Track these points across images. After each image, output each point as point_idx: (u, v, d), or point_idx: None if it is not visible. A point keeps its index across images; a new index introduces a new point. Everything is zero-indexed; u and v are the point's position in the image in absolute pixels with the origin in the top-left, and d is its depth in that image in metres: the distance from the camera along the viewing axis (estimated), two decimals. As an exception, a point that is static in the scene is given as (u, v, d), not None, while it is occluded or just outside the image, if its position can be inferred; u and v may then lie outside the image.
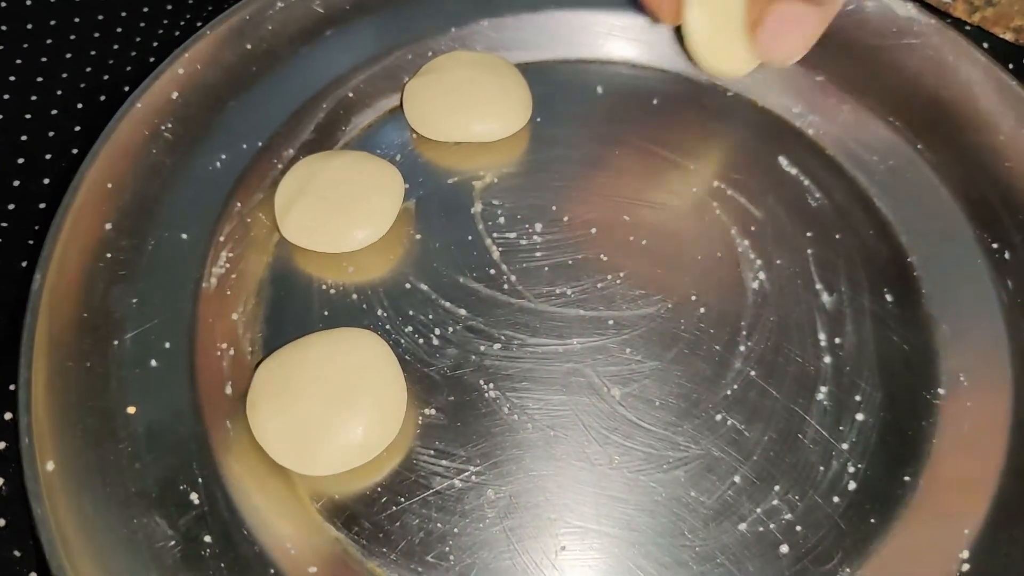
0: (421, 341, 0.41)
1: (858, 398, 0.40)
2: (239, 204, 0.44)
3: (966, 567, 0.35)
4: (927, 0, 0.54)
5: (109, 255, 0.40)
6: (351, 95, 0.49)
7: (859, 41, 0.50)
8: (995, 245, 0.43)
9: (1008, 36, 0.55)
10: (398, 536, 0.36)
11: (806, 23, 0.40)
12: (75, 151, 0.49)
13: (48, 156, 0.49)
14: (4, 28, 0.55)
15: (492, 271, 0.43)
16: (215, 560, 0.34)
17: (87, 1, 0.57)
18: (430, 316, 0.41)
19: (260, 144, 0.46)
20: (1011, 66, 0.54)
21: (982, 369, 0.40)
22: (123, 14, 0.57)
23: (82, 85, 0.53)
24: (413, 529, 0.36)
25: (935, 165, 0.46)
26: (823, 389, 0.40)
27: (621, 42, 0.52)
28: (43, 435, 0.34)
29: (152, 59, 0.54)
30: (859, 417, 0.39)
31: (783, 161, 0.47)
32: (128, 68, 0.54)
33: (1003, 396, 0.39)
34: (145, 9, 0.57)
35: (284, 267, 0.43)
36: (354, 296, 0.42)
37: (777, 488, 0.37)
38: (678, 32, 0.43)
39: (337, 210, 0.42)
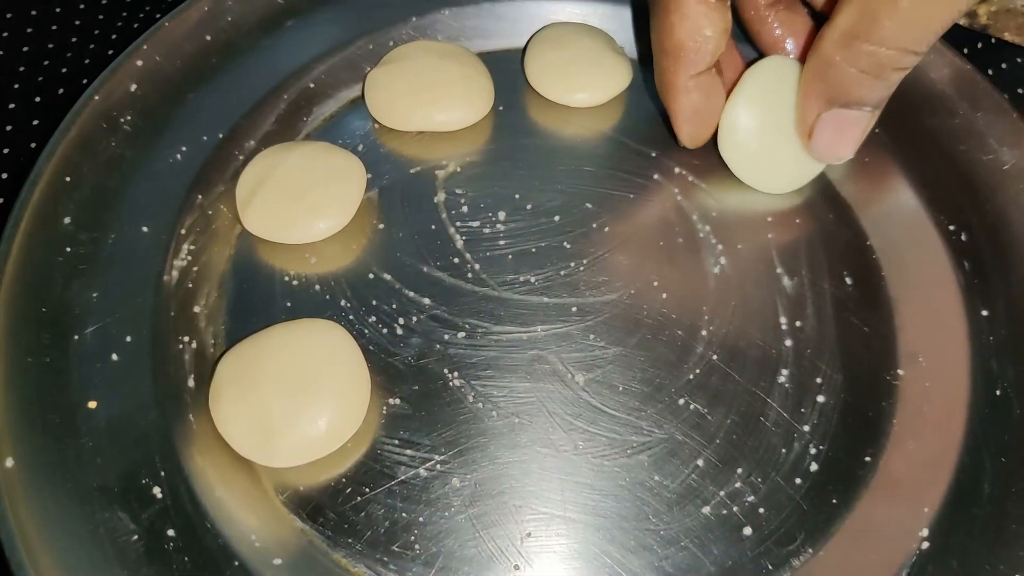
0: (385, 331, 0.41)
1: (819, 380, 0.40)
2: (200, 196, 0.43)
3: (926, 545, 0.35)
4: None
5: (68, 249, 0.39)
6: (312, 86, 0.48)
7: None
8: (952, 227, 0.44)
9: (962, 21, 0.56)
10: (363, 526, 0.36)
11: (859, 126, 0.40)
12: (33, 145, 0.49)
13: (6, 151, 0.49)
14: (-41, 21, 0.55)
15: (456, 260, 0.43)
16: (179, 554, 0.33)
17: (44, -7, 0.56)
18: (393, 306, 0.41)
19: (221, 136, 0.45)
20: (965, 50, 0.55)
21: (940, 350, 0.41)
22: (81, 6, 0.56)
23: (40, 78, 0.52)
24: (378, 519, 0.36)
25: (892, 149, 0.46)
26: (784, 372, 0.40)
27: (583, 30, 0.52)
28: (2, 431, 0.33)
29: (110, 51, 0.54)
30: (820, 399, 0.39)
31: (744, 147, 0.48)
32: (86, 61, 0.53)
33: (961, 376, 0.40)
34: (103, 1, 0.57)
35: (246, 259, 0.43)
36: (317, 287, 0.42)
37: (740, 471, 0.37)
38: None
39: (299, 201, 0.42)
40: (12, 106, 0.51)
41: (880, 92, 0.39)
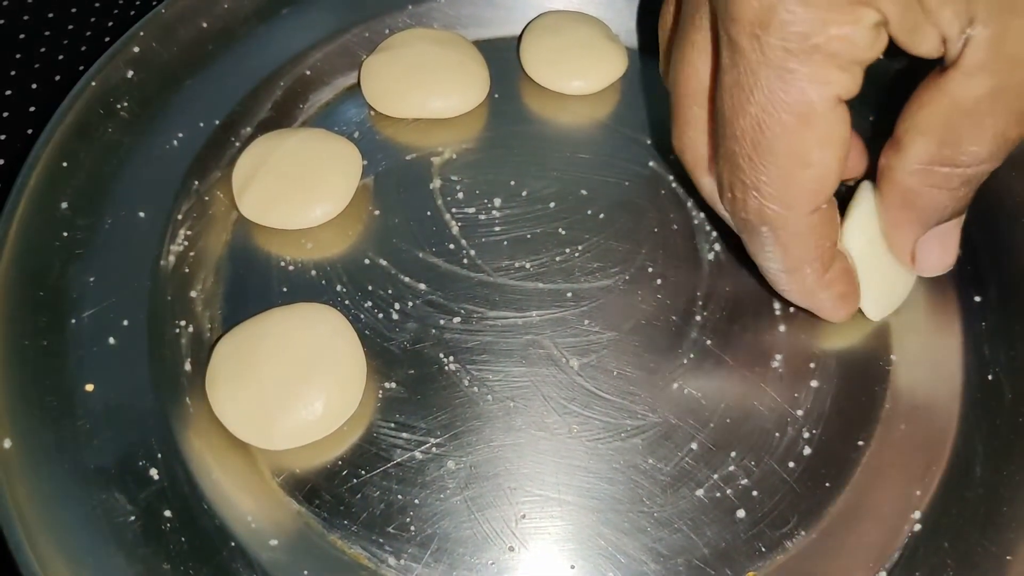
0: (381, 316, 0.41)
1: (812, 365, 0.40)
2: (196, 182, 0.44)
3: (918, 527, 0.36)
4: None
5: (66, 234, 0.40)
6: (308, 73, 0.49)
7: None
8: (945, 214, 0.44)
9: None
10: (359, 508, 0.36)
11: (957, 230, 0.38)
12: (30, 131, 0.49)
13: (3, 137, 0.49)
14: (-45, 9, 0.55)
15: (451, 246, 0.43)
16: (175, 535, 0.34)
17: (40, -19, 0.56)
18: (389, 291, 0.41)
19: (217, 122, 0.46)
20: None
21: (933, 335, 0.41)
22: (77, -6, 0.57)
23: (36, 65, 0.52)
24: (374, 501, 0.36)
25: (886, 137, 0.46)
26: (778, 357, 0.40)
27: (578, 18, 0.52)
28: (0, 413, 0.34)
29: (107, 38, 0.54)
30: (813, 384, 0.40)
31: (739, 134, 0.48)
32: (83, 48, 0.54)
33: (954, 361, 0.40)
34: (99, -12, 0.57)
35: (242, 244, 0.43)
36: (313, 272, 0.42)
37: (733, 454, 0.38)
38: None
39: (295, 187, 0.42)
40: (8, 93, 0.51)
41: (970, 197, 0.36)
